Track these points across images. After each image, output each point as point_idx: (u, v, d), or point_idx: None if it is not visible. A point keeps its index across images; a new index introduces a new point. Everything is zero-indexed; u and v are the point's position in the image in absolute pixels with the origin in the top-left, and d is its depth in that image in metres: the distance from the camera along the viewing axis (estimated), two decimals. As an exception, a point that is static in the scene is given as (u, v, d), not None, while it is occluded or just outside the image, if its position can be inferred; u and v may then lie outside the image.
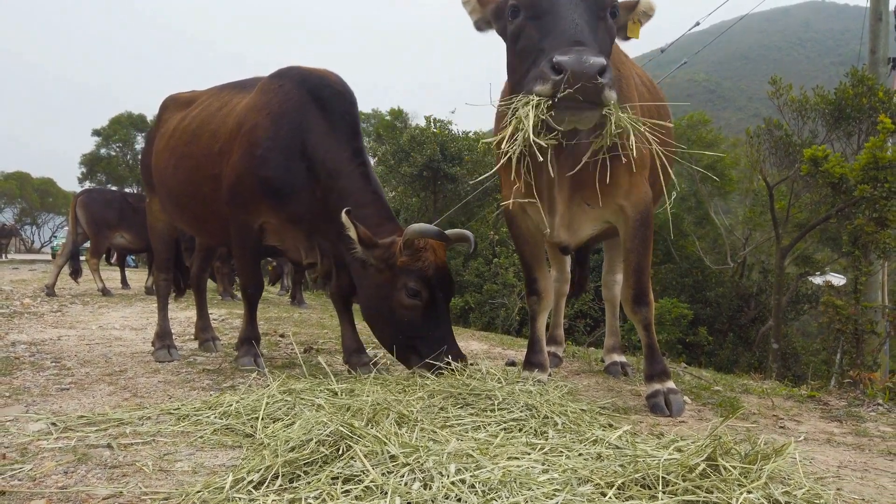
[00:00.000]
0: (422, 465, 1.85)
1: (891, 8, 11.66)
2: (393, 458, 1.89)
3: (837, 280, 12.82)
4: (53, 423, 2.48)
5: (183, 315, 7.21)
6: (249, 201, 3.65)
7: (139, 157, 37.72)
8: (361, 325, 4.05)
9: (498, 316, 12.92)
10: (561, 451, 2.08)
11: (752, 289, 15.65)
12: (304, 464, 1.92)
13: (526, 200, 2.95)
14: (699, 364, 12.09)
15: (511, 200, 2.98)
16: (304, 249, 3.79)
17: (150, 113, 37.76)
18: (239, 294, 10.74)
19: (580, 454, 2.07)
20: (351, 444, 1.97)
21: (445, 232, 3.43)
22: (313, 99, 3.66)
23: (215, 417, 2.57)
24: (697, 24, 13.68)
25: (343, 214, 3.26)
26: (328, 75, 3.83)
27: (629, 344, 11.08)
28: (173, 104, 4.53)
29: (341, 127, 3.65)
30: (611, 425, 2.58)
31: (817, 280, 14.81)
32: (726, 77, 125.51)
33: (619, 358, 4.20)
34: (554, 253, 4.20)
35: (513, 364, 4.39)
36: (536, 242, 3.43)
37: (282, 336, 5.60)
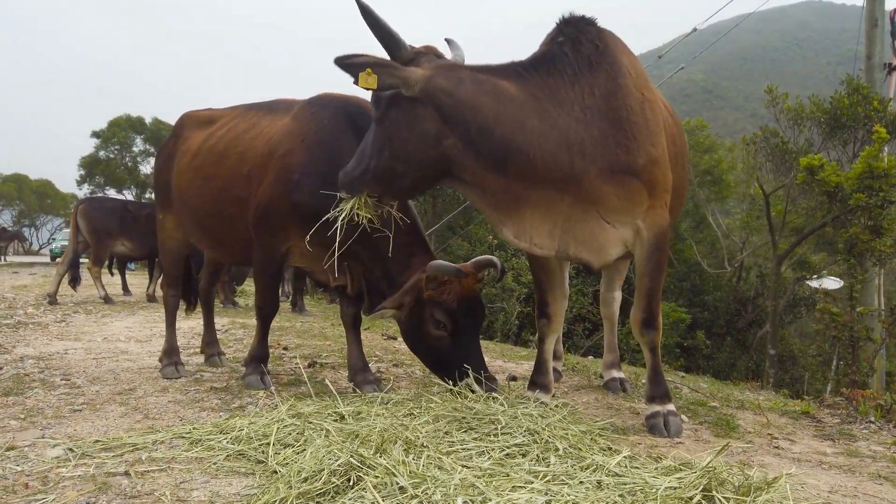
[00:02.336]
0: (430, 496, 1.93)
1: (886, 13, 11.78)
2: (402, 489, 1.97)
3: (834, 283, 12.92)
4: (70, 449, 2.56)
5: (187, 325, 7.27)
6: (279, 225, 3.70)
7: (137, 159, 37.82)
8: (364, 336, 4.13)
9: (497, 320, 13.01)
10: (562, 480, 2.16)
11: (750, 292, 15.76)
12: (317, 495, 2.00)
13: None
14: (697, 368, 12.21)
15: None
16: (332, 271, 3.86)
17: (149, 115, 37.82)
18: (241, 302, 10.84)
19: (581, 482, 2.15)
20: (361, 475, 2.05)
21: (473, 261, 3.66)
22: (352, 127, 3.68)
23: (227, 442, 2.65)
24: (695, 30, 13.76)
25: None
26: (365, 104, 3.86)
27: (627, 348, 11.17)
28: (192, 122, 4.51)
29: None
30: (610, 448, 2.66)
31: (814, 284, 14.90)
32: (724, 77, 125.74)
33: (617, 374, 4.29)
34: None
35: (514, 379, 4.48)
36: (552, 267, 3.51)
37: (285, 349, 5.68)
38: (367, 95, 3.32)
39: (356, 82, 2.93)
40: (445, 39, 3.47)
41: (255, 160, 3.83)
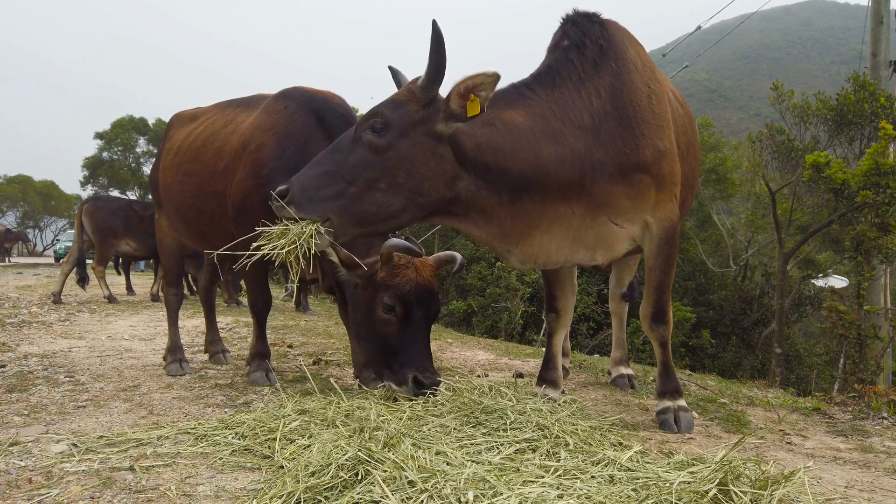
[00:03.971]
0: (440, 491, 1.89)
1: (892, 10, 11.71)
2: (411, 483, 1.93)
3: (840, 282, 12.85)
4: (75, 445, 2.54)
5: (190, 324, 7.26)
6: (256, 219, 3.68)
7: (141, 160, 37.89)
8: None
9: (501, 319, 12.96)
10: (574, 474, 2.12)
11: (755, 291, 15.66)
12: (325, 489, 1.97)
13: None
14: (702, 367, 12.13)
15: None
16: (307, 265, 3.83)
17: (152, 117, 37.88)
18: (244, 301, 10.80)
19: (593, 477, 2.12)
20: (370, 469, 2.02)
21: (436, 255, 3.49)
22: (317, 121, 3.71)
23: (233, 438, 2.62)
24: (699, 27, 13.71)
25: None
26: (332, 98, 3.88)
27: (632, 347, 11.11)
28: (179, 121, 4.59)
29: None
30: (621, 443, 2.63)
31: (819, 282, 14.82)
32: (727, 76, 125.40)
33: (625, 370, 4.25)
34: None
35: (520, 376, 4.44)
36: None
37: (290, 347, 5.65)
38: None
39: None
40: (389, 67, 3.22)
41: (230, 155, 3.86)
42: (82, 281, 10.45)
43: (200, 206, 4.06)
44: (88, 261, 11.09)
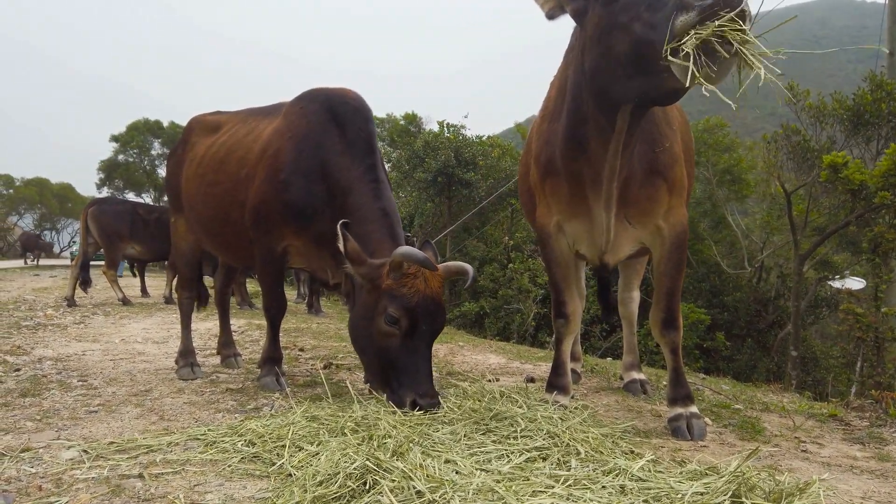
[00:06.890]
0: (448, 501, 1.88)
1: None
2: (419, 493, 1.92)
3: (857, 284, 12.69)
4: (85, 451, 2.54)
5: (203, 326, 7.29)
6: (273, 225, 3.70)
7: (156, 163, 38.26)
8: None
9: (513, 321, 12.92)
10: (584, 484, 2.10)
11: (770, 293, 15.50)
12: (332, 499, 1.95)
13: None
14: (717, 370, 12.02)
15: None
16: (331, 269, 3.79)
17: (167, 119, 38.23)
18: (257, 303, 10.85)
19: (604, 487, 2.09)
20: (377, 478, 2.00)
21: (446, 264, 3.35)
22: (332, 119, 3.70)
23: (242, 445, 2.62)
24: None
25: (339, 226, 3.22)
26: (347, 93, 3.86)
27: (646, 350, 11.03)
28: (199, 127, 4.57)
29: (356, 144, 3.67)
30: (633, 451, 2.60)
31: (836, 284, 14.65)
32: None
33: (638, 375, 4.21)
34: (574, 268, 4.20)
35: (532, 380, 4.41)
36: (568, 265, 3.43)
37: (301, 350, 5.66)
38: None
39: None
40: None
41: (252, 162, 3.86)
42: (84, 283, 10.49)
43: (224, 216, 4.06)
44: (93, 263, 11.15)
